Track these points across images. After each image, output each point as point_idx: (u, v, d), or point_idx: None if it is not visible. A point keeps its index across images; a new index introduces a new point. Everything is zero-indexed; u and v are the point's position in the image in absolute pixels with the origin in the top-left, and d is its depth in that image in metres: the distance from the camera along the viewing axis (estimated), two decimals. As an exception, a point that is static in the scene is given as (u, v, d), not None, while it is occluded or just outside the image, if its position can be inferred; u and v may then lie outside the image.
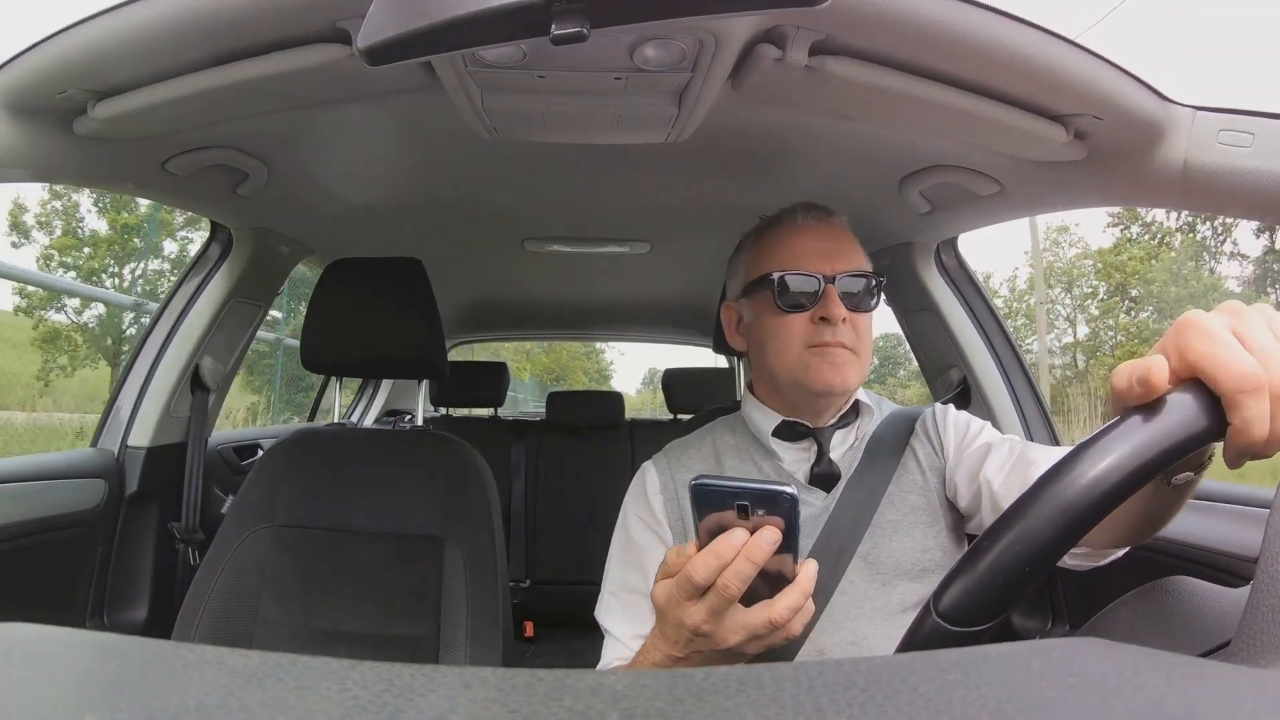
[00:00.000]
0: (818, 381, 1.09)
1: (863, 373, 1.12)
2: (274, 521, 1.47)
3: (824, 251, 1.11)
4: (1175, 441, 0.49)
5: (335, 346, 1.58)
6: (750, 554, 0.69)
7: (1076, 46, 0.95)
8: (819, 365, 1.09)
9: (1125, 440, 0.49)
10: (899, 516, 1.09)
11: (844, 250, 1.13)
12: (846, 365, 1.09)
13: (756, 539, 0.69)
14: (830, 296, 1.08)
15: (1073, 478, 0.49)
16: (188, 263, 1.94)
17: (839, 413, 1.16)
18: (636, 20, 0.67)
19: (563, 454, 3.32)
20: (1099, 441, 0.50)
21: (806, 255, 1.12)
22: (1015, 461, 1.03)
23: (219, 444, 2.19)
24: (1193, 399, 0.50)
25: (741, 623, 0.73)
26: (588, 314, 3.42)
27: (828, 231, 1.14)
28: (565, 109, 1.15)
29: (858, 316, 1.10)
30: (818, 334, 1.09)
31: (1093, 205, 1.31)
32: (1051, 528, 0.49)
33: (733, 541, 0.70)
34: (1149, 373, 0.50)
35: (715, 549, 0.70)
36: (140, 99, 1.06)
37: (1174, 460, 0.49)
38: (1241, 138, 0.98)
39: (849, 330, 1.09)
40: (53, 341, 12.21)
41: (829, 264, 1.10)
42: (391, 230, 2.02)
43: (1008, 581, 0.50)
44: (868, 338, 1.12)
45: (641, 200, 1.76)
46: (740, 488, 0.69)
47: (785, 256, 1.13)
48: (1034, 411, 1.80)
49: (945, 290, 1.85)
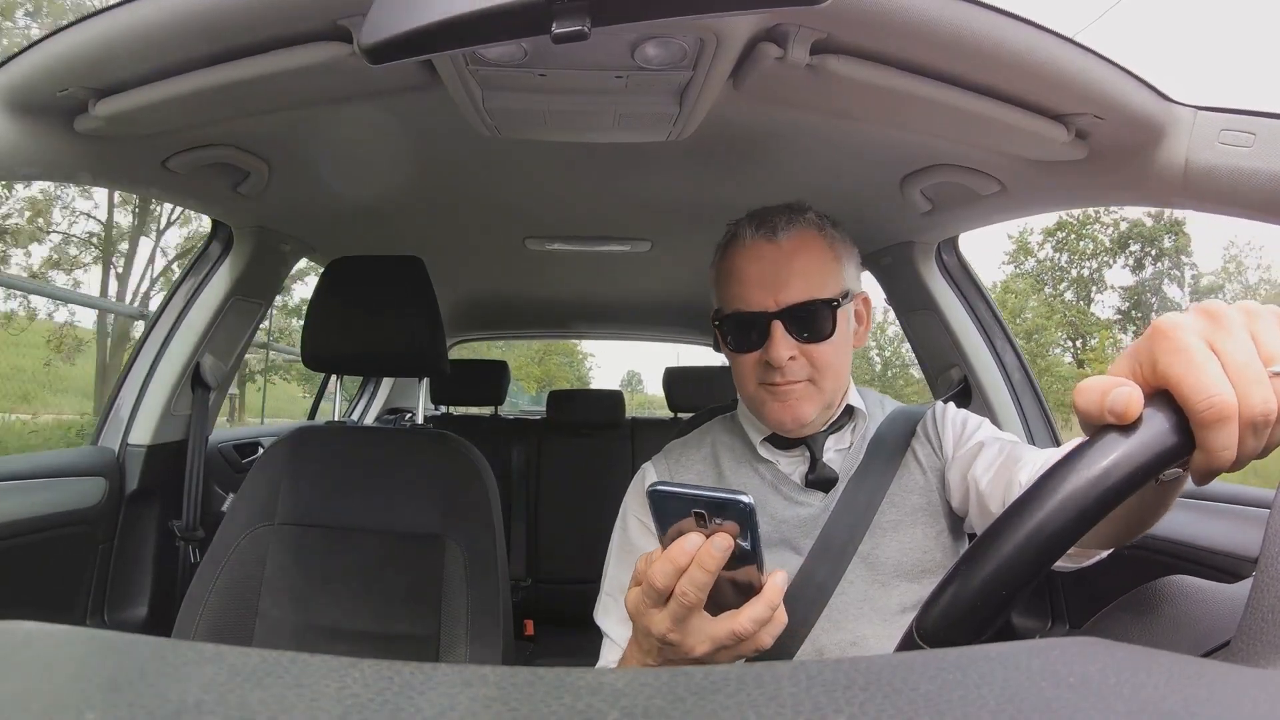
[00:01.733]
0: (771, 419, 1.10)
1: (824, 400, 1.10)
2: (274, 520, 1.47)
3: (768, 279, 1.07)
4: (1148, 459, 0.48)
5: (336, 344, 1.58)
6: (702, 561, 0.68)
7: (1078, 46, 0.95)
8: (771, 405, 1.09)
9: (1098, 461, 0.48)
10: (899, 517, 1.09)
11: (793, 274, 1.06)
12: (800, 401, 1.08)
13: (708, 546, 0.68)
14: (774, 337, 1.05)
15: (1048, 498, 0.49)
16: (188, 261, 1.94)
17: (828, 420, 1.15)
18: (637, 19, 0.67)
19: (563, 452, 3.32)
20: (1073, 463, 0.49)
21: (750, 286, 1.07)
22: (1003, 461, 1.01)
23: (219, 442, 2.19)
24: (1163, 418, 0.49)
25: (708, 633, 0.72)
26: (588, 312, 3.41)
27: (773, 253, 1.08)
28: (566, 107, 1.15)
29: (811, 348, 1.07)
30: (767, 374, 1.07)
31: (1093, 205, 1.31)
32: (1027, 550, 0.49)
33: (685, 548, 0.69)
34: (1126, 408, 0.49)
35: (670, 555, 0.70)
36: (141, 97, 1.06)
37: (1148, 478, 0.49)
38: (1243, 138, 0.98)
39: (801, 365, 1.07)
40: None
41: (773, 294, 1.06)
42: (392, 229, 2.02)
43: (985, 604, 0.50)
44: (829, 364, 1.08)
45: (642, 199, 1.76)
46: (696, 495, 0.69)
47: (734, 288, 1.10)
48: (1034, 410, 1.80)
49: (946, 289, 1.85)
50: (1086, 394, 0.51)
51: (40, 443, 10.35)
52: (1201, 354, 0.48)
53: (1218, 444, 0.47)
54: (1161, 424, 0.48)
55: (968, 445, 1.10)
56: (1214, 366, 0.48)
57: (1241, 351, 0.49)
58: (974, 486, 1.04)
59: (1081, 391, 0.51)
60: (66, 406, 14.43)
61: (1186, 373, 0.48)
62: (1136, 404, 0.49)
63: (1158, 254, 25.17)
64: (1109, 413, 0.49)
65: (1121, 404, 0.48)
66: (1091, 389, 0.50)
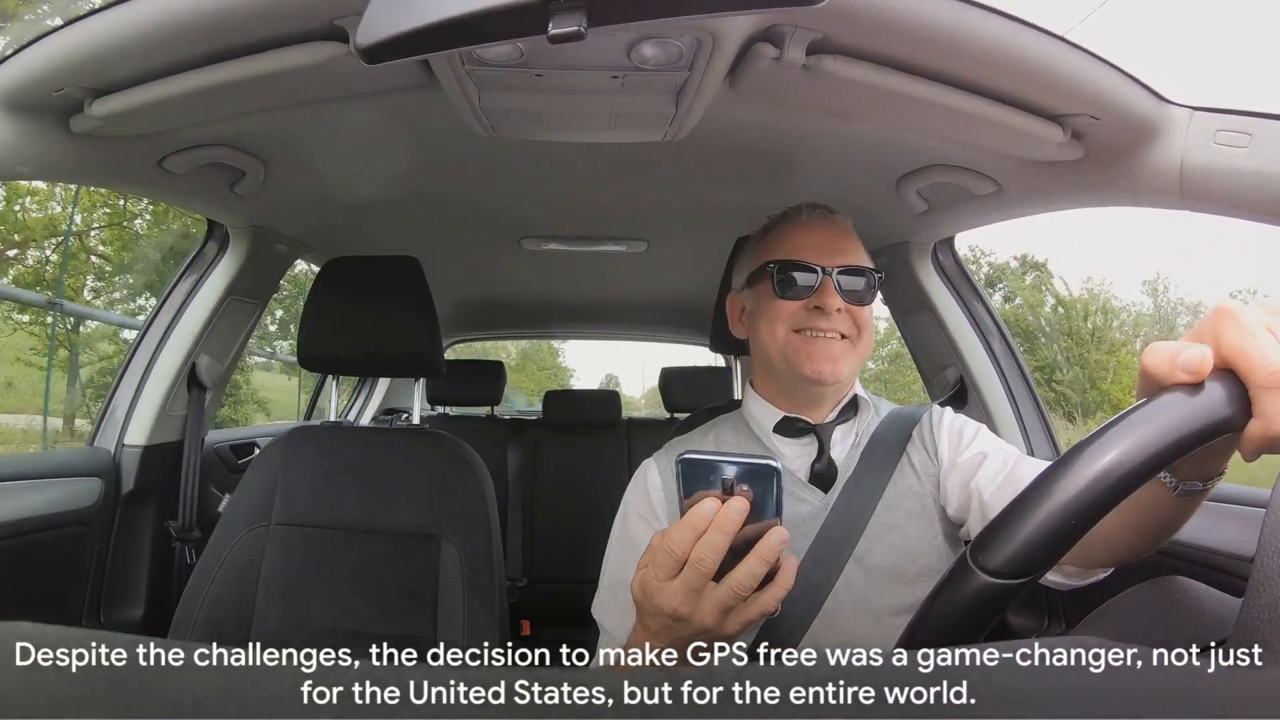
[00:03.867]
0: (808, 367, 1.10)
1: (857, 362, 1.13)
2: (270, 520, 1.47)
3: (824, 246, 1.13)
4: (1209, 422, 0.51)
5: (332, 345, 1.58)
6: (720, 524, 0.70)
7: (1074, 46, 0.95)
8: (809, 351, 1.10)
9: (1168, 412, 0.51)
10: (894, 520, 1.09)
11: (845, 246, 1.15)
12: (839, 356, 1.10)
13: (725, 509, 0.70)
14: (826, 287, 1.10)
15: (1122, 436, 0.51)
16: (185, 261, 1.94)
17: (838, 407, 1.16)
18: (634, 19, 0.67)
19: (560, 452, 3.32)
20: (1144, 409, 0.52)
21: (806, 248, 1.13)
22: (1008, 473, 1.03)
23: (216, 443, 2.19)
24: (1223, 387, 0.51)
25: (713, 599, 0.73)
26: (585, 313, 3.41)
27: (829, 228, 1.16)
28: (563, 107, 1.15)
29: (855, 308, 1.12)
30: (810, 319, 1.10)
31: (1089, 205, 1.31)
32: (1098, 485, 0.51)
33: (703, 512, 0.70)
34: (1200, 365, 0.51)
35: (688, 520, 0.71)
36: (137, 96, 1.06)
37: (1211, 436, 0.51)
38: (1238, 138, 0.98)
39: (845, 320, 1.10)
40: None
41: (828, 258, 1.11)
42: (388, 228, 2.01)
43: (1053, 534, 0.51)
44: (867, 329, 1.13)
45: (639, 199, 1.76)
46: (726, 460, 0.70)
47: (787, 248, 1.14)
48: (1030, 411, 1.80)
49: (942, 290, 1.85)
50: (1157, 354, 0.54)
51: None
52: (1263, 331, 0.52)
53: (1276, 409, 0.50)
54: (1222, 392, 0.51)
55: (968, 454, 1.10)
56: (1275, 343, 0.51)
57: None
58: (977, 496, 1.05)
59: (1152, 352, 0.54)
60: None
61: (1250, 344, 0.51)
62: (1209, 362, 0.52)
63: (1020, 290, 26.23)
64: (1182, 369, 0.52)
65: (1196, 361, 0.52)
66: (1162, 350, 0.53)
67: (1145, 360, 0.54)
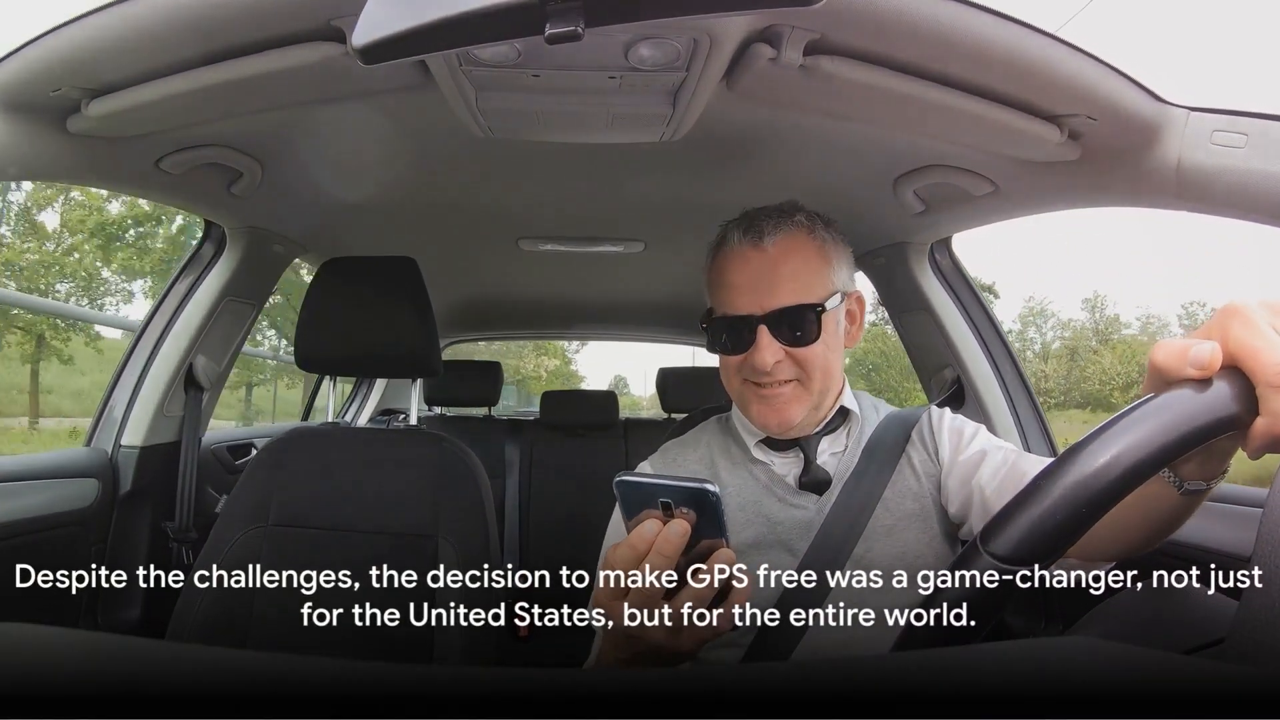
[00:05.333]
0: (758, 420, 1.10)
1: (811, 401, 1.10)
2: (267, 521, 1.47)
3: (755, 284, 1.08)
4: (1216, 418, 0.51)
5: (329, 345, 1.58)
6: (660, 547, 0.69)
7: (1071, 47, 0.95)
8: (759, 406, 1.09)
9: (1177, 406, 0.52)
10: (893, 521, 1.09)
11: (780, 279, 1.07)
12: (788, 404, 1.08)
13: (665, 532, 0.69)
14: (760, 340, 1.06)
15: (1134, 427, 0.52)
16: (181, 261, 1.94)
17: (823, 421, 1.15)
18: (631, 19, 0.67)
19: (557, 453, 3.32)
20: (1154, 403, 0.53)
21: (738, 291, 1.08)
22: (1009, 470, 1.03)
23: (213, 443, 2.18)
24: (1229, 384, 0.52)
25: (663, 619, 0.72)
26: (582, 313, 3.41)
27: (759, 259, 1.08)
28: (560, 108, 1.15)
29: (799, 351, 1.07)
30: (754, 373, 1.08)
31: (1087, 206, 1.31)
32: (1111, 471, 0.51)
33: (645, 535, 0.70)
34: (1211, 360, 0.52)
35: (629, 541, 0.71)
36: (134, 97, 1.06)
37: (1218, 432, 0.52)
38: (1235, 138, 0.98)
39: (789, 366, 1.07)
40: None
41: (760, 299, 1.06)
42: (385, 229, 2.01)
43: (1065, 520, 0.52)
44: (816, 365, 1.08)
45: (636, 199, 1.76)
46: (661, 485, 0.70)
47: (723, 293, 1.11)
48: (1028, 411, 1.80)
49: (939, 290, 1.85)
50: (1167, 350, 0.54)
51: None
52: (1270, 330, 0.52)
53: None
54: (1229, 388, 0.52)
55: (968, 453, 1.10)
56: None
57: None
58: (978, 494, 1.05)
59: (1162, 348, 0.55)
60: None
61: (1258, 342, 0.52)
62: (1218, 357, 0.52)
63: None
64: (1191, 364, 0.53)
65: (1206, 356, 0.52)
66: (1172, 346, 0.54)
67: (1155, 356, 0.55)
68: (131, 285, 16.03)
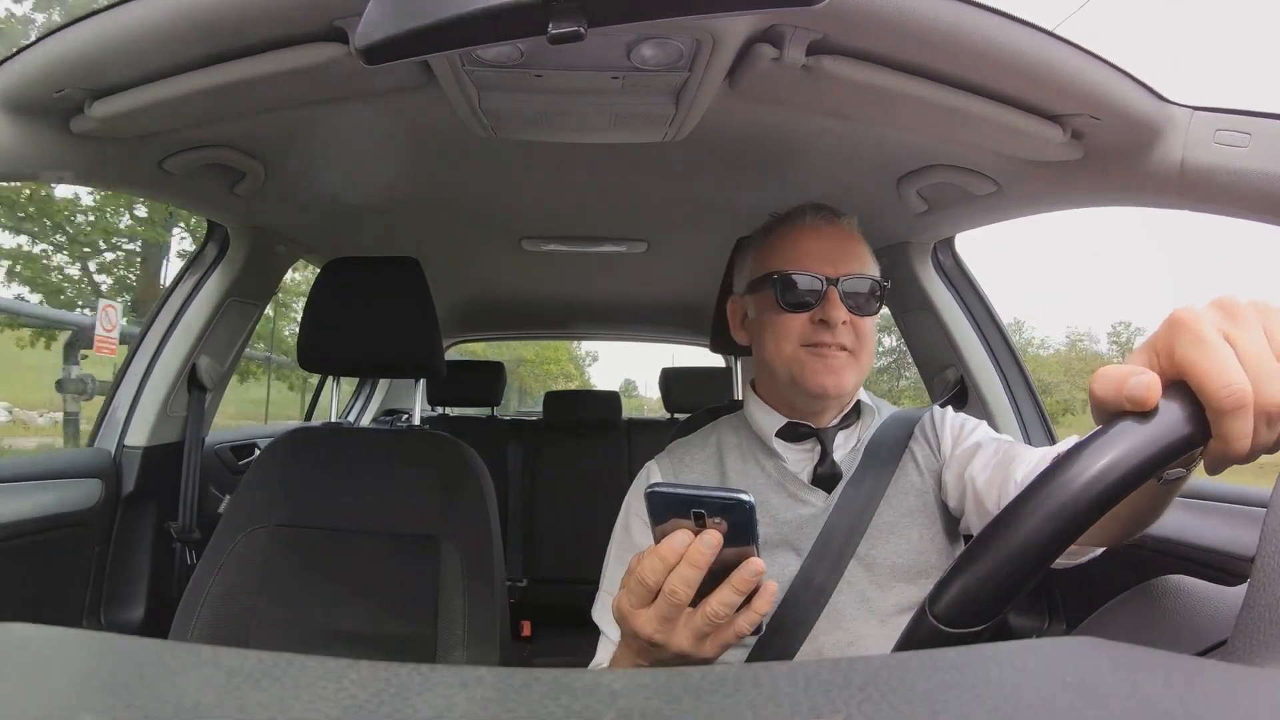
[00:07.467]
0: (813, 382, 1.09)
1: (860, 375, 1.12)
2: (271, 521, 1.47)
3: (829, 253, 1.11)
4: (1163, 447, 0.48)
5: (332, 346, 1.58)
6: (691, 558, 0.69)
7: (1074, 46, 0.95)
8: (815, 366, 1.09)
9: (1117, 445, 0.48)
10: (895, 518, 1.09)
11: (850, 252, 1.13)
12: (843, 369, 1.10)
13: (698, 542, 0.69)
14: (832, 299, 1.08)
15: (1066, 481, 0.49)
16: (185, 261, 1.94)
17: (841, 413, 1.17)
18: (634, 19, 0.67)
19: (560, 453, 3.32)
20: (1092, 445, 0.49)
21: (811, 256, 1.11)
22: (999, 460, 1.03)
23: (216, 443, 2.19)
24: (1179, 407, 0.49)
25: (688, 627, 0.72)
26: (585, 313, 3.41)
27: (834, 232, 1.14)
28: (562, 108, 1.15)
29: (859, 320, 1.10)
30: (816, 334, 1.09)
31: (1090, 205, 1.30)
32: (1045, 530, 0.49)
33: (675, 545, 0.69)
34: (1147, 395, 0.48)
35: (659, 551, 0.70)
36: (137, 98, 1.06)
37: (1164, 465, 0.49)
38: (1238, 138, 0.98)
39: (849, 332, 1.09)
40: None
41: (833, 266, 1.10)
42: (388, 229, 2.02)
43: (1002, 583, 0.50)
44: (869, 341, 1.12)
45: (639, 199, 1.76)
46: (696, 495, 0.69)
47: (791, 256, 1.13)
48: (1031, 411, 1.80)
49: (942, 290, 1.85)
50: (1104, 381, 0.50)
51: None
52: (1221, 345, 0.48)
53: (1234, 432, 0.47)
54: (1178, 412, 0.48)
55: (965, 445, 1.11)
56: (1233, 357, 0.48)
57: (1257, 345, 0.49)
58: (970, 485, 1.05)
59: (1099, 379, 0.51)
60: None
61: (1207, 362, 0.48)
62: (1155, 391, 0.48)
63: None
64: (1127, 399, 0.49)
65: (1141, 391, 0.48)
66: (1109, 376, 0.50)
67: (1093, 387, 0.51)
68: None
